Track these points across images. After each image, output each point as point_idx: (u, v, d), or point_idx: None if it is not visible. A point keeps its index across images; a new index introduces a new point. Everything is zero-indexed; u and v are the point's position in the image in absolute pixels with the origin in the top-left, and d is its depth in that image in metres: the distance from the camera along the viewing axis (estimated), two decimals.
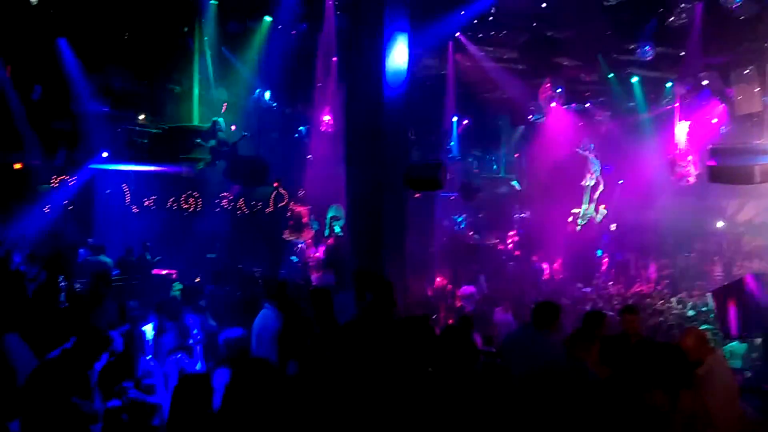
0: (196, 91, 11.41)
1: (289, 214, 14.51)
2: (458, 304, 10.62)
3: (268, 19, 11.25)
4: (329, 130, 13.16)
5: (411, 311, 7.55)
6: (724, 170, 7.62)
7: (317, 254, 13.28)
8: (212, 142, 10.59)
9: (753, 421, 4.43)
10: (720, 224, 16.69)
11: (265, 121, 13.40)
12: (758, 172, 7.26)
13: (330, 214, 14.53)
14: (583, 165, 16.55)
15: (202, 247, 13.61)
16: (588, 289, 14.94)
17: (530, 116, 16.79)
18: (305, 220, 14.52)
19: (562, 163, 17.06)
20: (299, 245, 14.01)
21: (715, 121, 13.37)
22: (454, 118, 16.07)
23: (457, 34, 11.16)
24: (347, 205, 8.14)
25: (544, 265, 16.77)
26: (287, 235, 14.19)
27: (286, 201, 15.23)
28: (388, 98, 7.65)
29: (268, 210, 15.17)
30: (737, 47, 9.88)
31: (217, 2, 10.82)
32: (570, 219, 17.37)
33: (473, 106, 16.11)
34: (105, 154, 11.61)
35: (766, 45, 9.14)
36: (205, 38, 10.85)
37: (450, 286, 12.49)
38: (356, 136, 7.82)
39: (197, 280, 9.47)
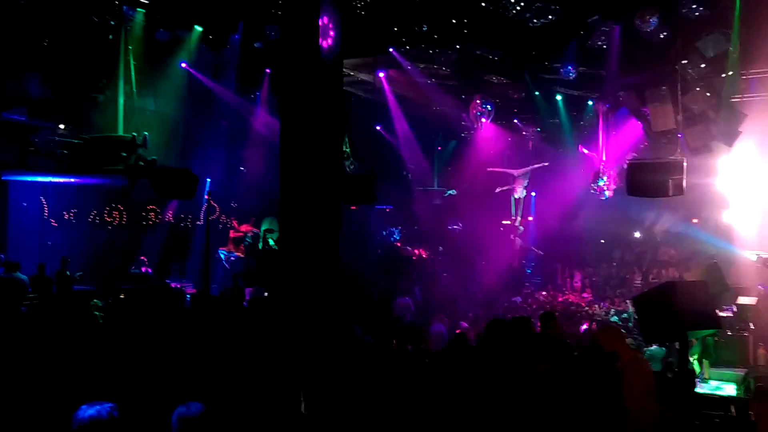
0: (120, 100, 10.95)
1: (220, 227, 14.18)
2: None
3: (198, 28, 11.01)
4: (263, 140, 13.01)
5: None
6: (641, 184, 8.10)
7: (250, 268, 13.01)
8: (132, 158, 10.18)
9: (670, 420, 4.69)
10: (638, 235, 17.66)
11: (195, 132, 13.07)
12: (671, 186, 7.77)
13: (264, 227, 14.32)
14: (513, 178, 17.15)
15: (128, 262, 13.07)
16: (518, 299, 15.42)
17: (462, 131, 17.29)
18: (238, 233, 14.24)
19: (493, 176, 17.59)
20: (231, 259, 13.71)
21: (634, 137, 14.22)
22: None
23: (390, 49, 11.30)
24: (281, 218, 8.02)
25: (476, 276, 17.18)
26: (219, 249, 13.86)
27: (217, 214, 14.88)
28: (322, 110, 7.63)
29: (198, 223, 14.77)
30: (652, 68, 10.53)
31: (144, 10, 10.47)
32: (502, 229, 17.92)
33: (408, 119, 16.36)
34: (22, 166, 10.94)
35: (677, 67, 9.79)
36: (130, 47, 10.44)
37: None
38: (290, 148, 7.73)
39: (121, 296, 9.05)
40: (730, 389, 8.14)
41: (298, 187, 7.21)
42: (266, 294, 8.37)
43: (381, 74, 12.72)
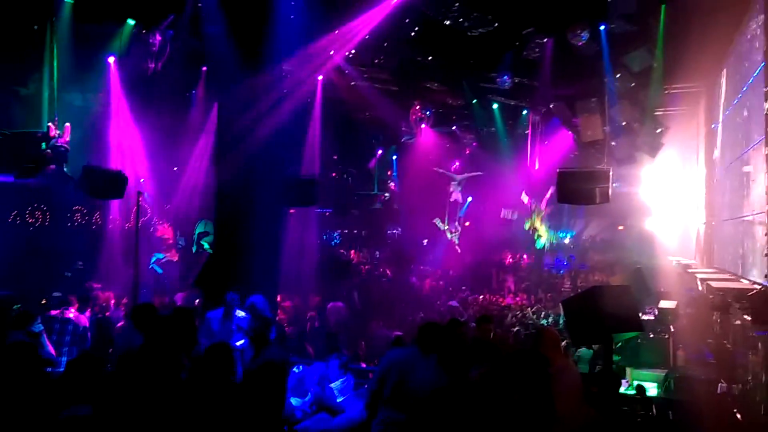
0: (45, 94, 10.39)
1: (152, 229, 13.67)
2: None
3: (131, 22, 10.60)
4: (198, 139, 12.66)
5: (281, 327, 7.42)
6: (570, 192, 8.42)
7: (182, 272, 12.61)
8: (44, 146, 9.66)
9: (595, 420, 4.86)
10: (567, 241, 18.35)
11: (125, 129, 12.55)
12: (598, 194, 8.11)
13: (198, 230, 13.92)
14: (449, 183, 17.47)
15: (52, 265, 12.36)
16: (454, 302, 15.65)
17: (402, 136, 17.43)
18: (170, 236, 13.78)
19: (431, 181, 17.85)
20: (162, 262, 13.24)
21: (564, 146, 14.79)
22: None
23: (332, 52, 11.25)
24: (216, 220, 7.83)
25: (414, 280, 17.33)
26: (150, 253, 13.36)
27: (149, 216, 14.33)
28: (260, 111, 7.53)
29: (128, 225, 14.16)
30: (582, 81, 10.98)
31: (72, 1, 9.98)
32: (435, 222, 18.15)
33: (348, 123, 16.34)
34: None
35: (605, 80, 10.24)
36: (55, 38, 9.93)
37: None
38: (226, 149, 7.58)
39: (43, 302, 8.56)
40: (651, 389, 8.54)
41: (234, 188, 7.07)
42: (198, 301, 8.12)
43: (319, 77, 12.62)
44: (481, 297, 16.26)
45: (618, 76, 9.87)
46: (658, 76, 9.85)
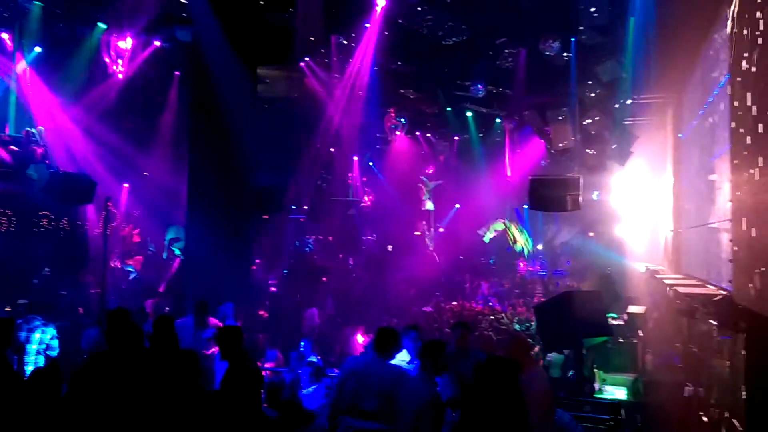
0: (12, 97, 10.17)
1: (121, 235, 13.42)
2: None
3: (102, 25, 10.45)
4: (170, 145, 12.50)
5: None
6: (542, 199, 8.55)
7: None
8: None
9: (565, 426, 4.94)
10: (540, 246, 18.60)
11: (96, 132, 12.34)
12: (569, 201, 8.25)
13: (169, 236, 13.73)
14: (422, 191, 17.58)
15: (16, 272, 12.04)
16: (429, 308, 15.70)
17: (377, 143, 17.51)
18: (139, 240, 13.55)
19: (406, 187, 17.93)
20: (131, 268, 13.01)
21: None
22: None
23: (307, 59, 11.26)
24: (188, 226, 7.73)
25: (389, 286, 17.34)
26: (118, 258, 13.11)
27: (118, 221, 14.08)
28: (234, 117, 7.47)
29: (97, 231, 13.88)
30: (553, 90, 11.19)
31: (42, 4, 9.80)
32: (418, 234, 18.24)
33: (323, 129, 16.33)
34: None
35: (576, 89, 10.45)
36: (23, 40, 9.74)
37: None
38: (199, 154, 7.50)
39: (7, 309, 8.33)
40: (620, 393, 8.69)
41: (206, 194, 6.99)
42: (167, 309, 8.00)
43: (305, 82, 12.60)
44: (455, 303, 16.36)
45: (588, 86, 10.08)
46: (626, 87, 10.07)
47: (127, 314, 5.01)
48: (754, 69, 5.18)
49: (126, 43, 10.49)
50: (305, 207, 16.69)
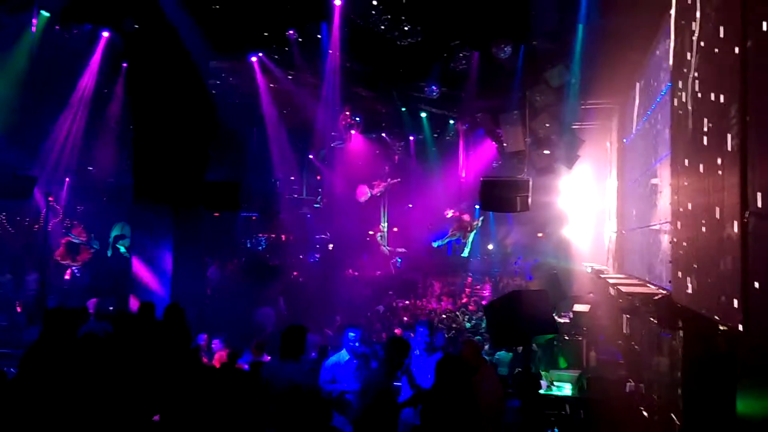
0: None
1: (64, 231, 12.90)
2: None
3: (45, 14, 10.00)
4: (116, 139, 12.10)
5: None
6: (493, 200, 8.71)
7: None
8: None
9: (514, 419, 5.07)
10: (490, 246, 18.93)
11: (37, 125, 11.82)
12: (519, 203, 8.43)
13: (114, 233, 13.29)
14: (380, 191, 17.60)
15: None
16: (380, 307, 15.76)
17: (332, 141, 17.41)
18: (82, 238, 13.05)
19: (360, 187, 17.91)
20: (73, 266, 12.53)
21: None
22: None
23: (260, 54, 11.10)
24: (134, 223, 7.51)
25: (343, 285, 17.30)
26: (60, 256, 12.60)
27: (60, 218, 13.53)
28: (184, 111, 7.30)
29: (37, 228, 13.31)
30: (505, 93, 11.39)
31: None
32: (368, 239, 18.28)
33: (276, 126, 16.14)
34: None
35: (527, 93, 10.67)
36: None
37: None
38: (146, 148, 7.29)
39: None
40: (566, 389, 8.94)
41: (153, 190, 6.80)
42: (111, 308, 7.75)
43: (258, 78, 12.41)
44: (408, 302, 16.48)
45: (538, 90, 10.31)
46: (575, 92, 10.36)
47: (66, 314, 4.84)
48: (693, 78, 5.43)
49: (71, 33, 10.07)
50: (258, 205, 16.45)
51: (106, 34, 10.57)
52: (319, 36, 10.51)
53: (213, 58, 10.67)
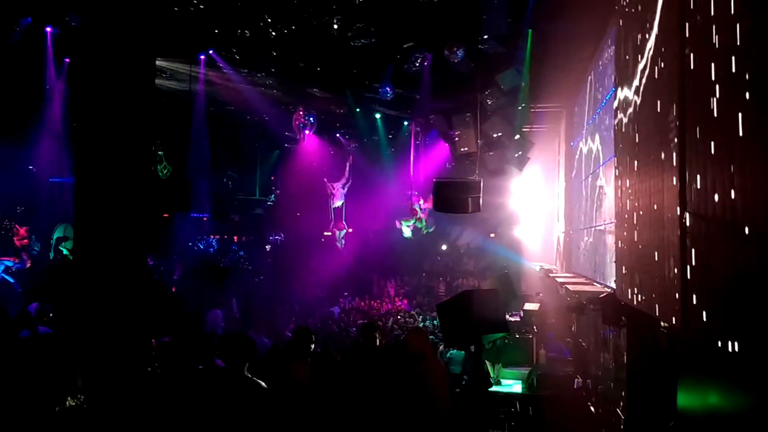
0: None
1: (2, 232, 12.31)
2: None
3: None
4: (58, 137, 11.61)
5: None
6: (445, 201, 8.80)
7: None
8: None
9: (463, 415, 5.13)
10: (444, 247, 19.13)
11: None
12: (471, 204, 8.55)
13: (56, 235, 12.77)
14: (333, 189, 17.52)
15: None
16: (335, 309, 15.71)
17: (286, 141, 17.25)
18: (24, 241, 12.48)
19: (315, 187, 17.81)
20: (13, 269, 11.95)
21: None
22: None
23: (210, 52, 10.87)
24: (77, 224, 7.20)
25: (296, 286, 17.15)
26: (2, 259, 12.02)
27: None
28: (130, 109, 7.05)
29: None
30: (458, 95, 11.54)
31: None
32: (323, 240, 18.17)
33: (229, 126, 15.87)
34: None
35: (479, 96, 10.84)
36: None
37: None
38: (89, 147, 7.00)
39: None
40: (516, 387, 9.12)
41: (98, 190, 6.53)
42: (52, 315, 7.43)
43: (209, 76, 12.14)
44: (362, 303, 16.48)
45: (490, 93, 10.48)
46: (525, 95, 10.59)
47: (6, 318, 4.64)
48: (635, 83, 5.63)
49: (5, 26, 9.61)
50: (209, 206, 16.12)
51: (48, 29, 10.17)
52: (272, 35, 10.39)
53: (161, 55, 10.39)
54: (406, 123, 15.01)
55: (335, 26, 9.09)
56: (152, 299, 7.36)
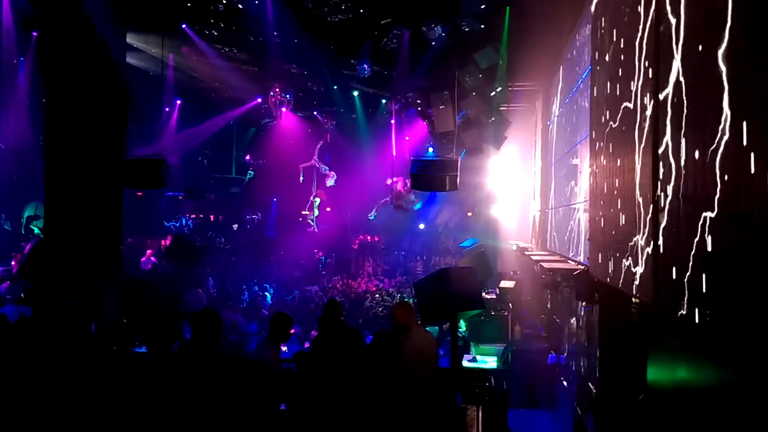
0: None
1: None
2: None
3: None
4: (28, 113, 11.30)
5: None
6: (423, 179, 8.81)
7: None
8: None
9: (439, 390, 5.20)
10: (422, 226, 19.21)
11: None
12: (448, 182, 8.58)
13: (27, 213, 12.49)
14: (311, 169, 17.44)
15: None
16: (315, 287, 15.74)
17: (262, 119, 17.01)
18: None
19: (292, 165, 17.68)
20: None
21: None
22: None
23: (183, 25, 10.60)
24: (47, 202, 7.05)
25: (274, 266, 17.12)
26: None
27: None
28: (101, 85, 6.89)
29: None
30: (436, 74, 11.48)
31: None
32: (300, 219, 18.09)
33: (203, 103, 15.58)
34: None
35: (457, 74, 10.80)
36: None
37: None
38: (60, 123, 6.83)
39: None
40: (491, 362, 9.29)
41: (68, 168, 6.41)
42: (23, 294, 7.31)
43: (183, 52, 11.85)
44: (340, 283, 16.53)
45: (468, 71, 10.44)
46: (502, 74, 10.59)
47: None
48: (610, 61, 5.66)
49: None
50: (184, 184, 15.89)
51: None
52: (247, 9, 10.17)
53: (134, 30, 10.11)
54: (384, 101, 14.91)
55: (313, 1, 8.93)
56: (124, 281, 7.27)
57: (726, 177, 2.76)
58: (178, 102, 14.74)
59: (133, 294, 6.70)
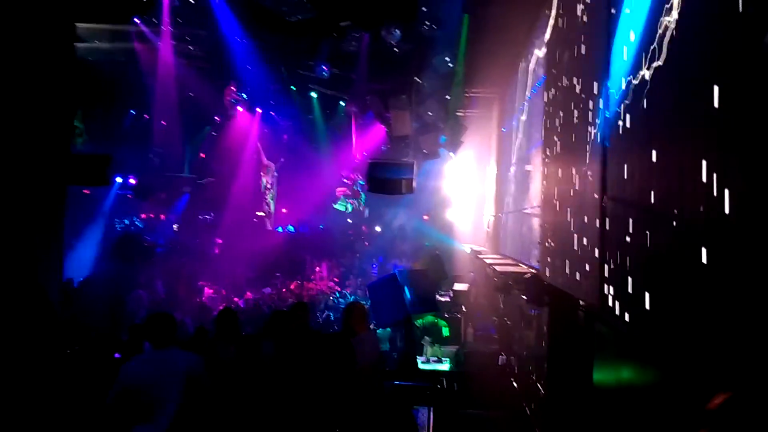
0: None
1: None
2: None
3: None
4: None
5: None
6: (379, 182, 8.84)
7: None
8: None
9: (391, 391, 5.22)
10: (378, 228, 19.24)
11: None
12: (404, 185, 8.63)
13: None
14: (263, 169, 17.25)
15: None
16: (268, 289, 15.53)
17: (216, 117, 16.69)
18: None
19: (246, 165, 17.43)
20: None
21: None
22: None
23: (137, 20, 10.32)
24: None
25: (227, 267, 16.79)
26: None
27: None
28: (44, 78, 6.61)
29: None
30: (394, 77, 11.53)
31: None
32: (255, 220, 17.85)
33: (156, 99, 15.16)
34: None
35: (415, 78, 10.89)
36: None
37: None
38: (1, 116, 6.53)
39: None
40: (443, 365, 9.37)
41: (7, 163, 6.13)
42: None
43: (134, 47, 11.51)
44: (294, 284, 16.36)
45: (426, 76, 10.54)
46: (459, 80, 10.73)
47: None
48: (562, 71, 5.81)
49: None
50: (133, 182, 15.44)
51: None
52: (203, 5, 9.98)
53: (82, 21, 9.76)
54: (342, 103, 14.86)
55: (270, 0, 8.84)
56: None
57: (661, 184, 2.87)
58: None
59: (76, 296, 6.45)
